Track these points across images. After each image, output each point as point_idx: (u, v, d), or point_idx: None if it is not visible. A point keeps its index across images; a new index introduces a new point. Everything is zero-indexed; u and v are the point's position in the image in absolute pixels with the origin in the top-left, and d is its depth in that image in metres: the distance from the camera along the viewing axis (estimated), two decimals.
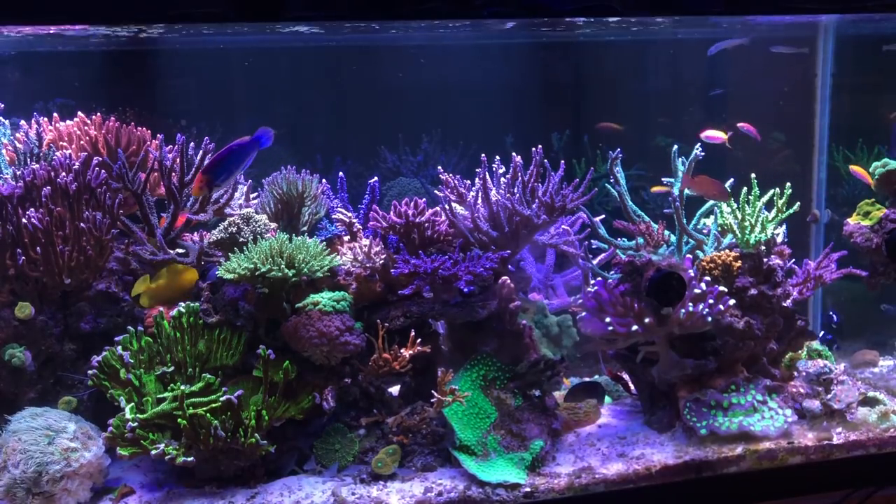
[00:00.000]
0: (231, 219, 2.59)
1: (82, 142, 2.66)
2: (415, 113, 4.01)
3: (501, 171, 2.75)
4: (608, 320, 2.45)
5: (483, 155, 2.65)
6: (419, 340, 2.38)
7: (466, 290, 2.49)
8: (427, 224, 2.63)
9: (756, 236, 2.63)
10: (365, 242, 2.58)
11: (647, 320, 2.44)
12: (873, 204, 2.95)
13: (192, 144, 2.60)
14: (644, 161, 3.82)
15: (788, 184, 2.68)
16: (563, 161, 2.69)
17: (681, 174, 2.75)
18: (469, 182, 2.72)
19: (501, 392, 2.50)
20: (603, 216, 2.91)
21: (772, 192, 2.69)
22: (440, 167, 2.88)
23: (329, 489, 2.24)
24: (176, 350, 2.35)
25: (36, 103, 3.43)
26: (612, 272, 2.73)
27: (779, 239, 2.73)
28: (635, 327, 2.41)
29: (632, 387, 2.78)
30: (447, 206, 2.62)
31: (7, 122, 2.79)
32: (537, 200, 2.59)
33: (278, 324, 2.39)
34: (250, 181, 2.81)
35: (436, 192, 2.85)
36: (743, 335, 2.54)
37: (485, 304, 2.53)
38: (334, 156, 3.97)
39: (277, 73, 3.94)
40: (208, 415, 2.16)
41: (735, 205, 2.67)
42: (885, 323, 3.41)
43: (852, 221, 2.94)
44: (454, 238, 2.65)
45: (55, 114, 2.77)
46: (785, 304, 2.64)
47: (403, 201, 2.63)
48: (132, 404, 2.21)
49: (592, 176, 2.64)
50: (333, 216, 2.77)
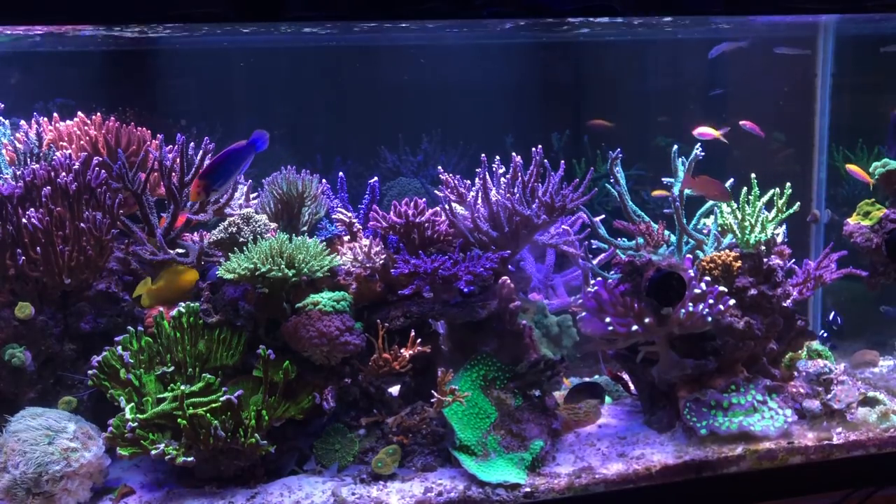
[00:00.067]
0: (231, 219, 2.59)
1: (82, 142, 2.66)
2: (415, 113, 4.01)
3: (501, 171, 2.75)
4: (608, 320, 2.44)
5: (483, 155, 2.65)
6: (419, 340, 2.38)
7: (466, 290, 2.48)
8: (427, 224, 2.63)
9: (756, 236, 2.63)
10: (365, 242, 2.58)
11: (647, 320, 2.44)
12: (873, 204, 2.95)
13: (192, 144, 2.60)
14: (644, 161, 3.82)
15: (788, 184, 2.68)
16: (563, 161, 2.69)
17: (681, 174, 2.75)
18: (469, 182, 2.72)
19: (501, 392, 2.50)
20: (603, 216, 2.91)
21: (772, 192, 2.69)
22: (440, 167, 2.88)
23: (329, 489, 2.23)
24: (176, 350, 2.35)
25: (36, 103, 3.43)
26: (612, 272, 2.72)
27: (779, 239, 2.73)
28: (635, 327, 2.41)
29: (632, 387, 2.78)
30: (447, 206, 2.62)
31: (7, 122, 2.79)
32: (537, 200, 2.59)
33: (278, 324, 2.39)
34: (250, 181, 2.81)
35: (436, 192, 2.85)
36: (743, 335, 2.53)
37: (485, 304, 2.53)
38: (334, 156, 3.96)
39: (277, 73, 3.94)
40: (208, 415, 2.16)
41: (735, 205, 2.67)
42: (885, 323, 3.40)
43: (852, 221, 2.94)
44: (454, 238, 2.65)
45: (55, 114, 2.77)
46: (785, 304, 2.64)
47: (403, 201, 2.63)
48: (132, 404, 2.21)
49: (592, 176, 2.64)
50: (333, 216, 2.77)
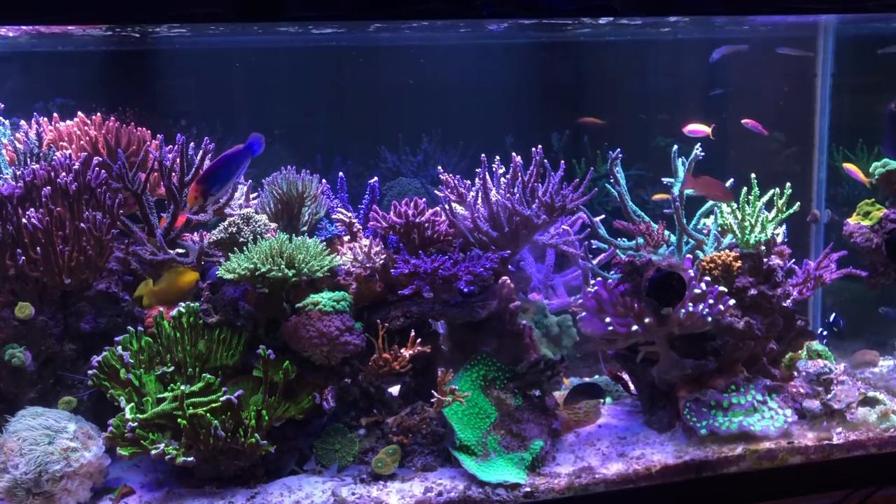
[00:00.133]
0: (231, 219, 2.59)
1: (82, 142, 2.66)
2: (415, 113, 4.01)
3: (501, 171, 2.75)
4: (608, 320, 2.44)
5: (483, 155, 2.65)
6: (419, 340, 2.38)
7: (466, 290, 2.48)
8: (427, 224, 2.63)
9: (756, 236, 2.63)
10: (365, 242, 2.58)
11: (647, 320, 2.44)
12: (873, 204, 2.95)
13: (192, 144, 2.60)
14: (644, 161, 3.82)
15: (788, 184, 2.68)
16: (563, 161, 2.69)
17: (681, 174, 2.75)
18: (469, 182, 2.72)
19: (501, 392, 2.50)
20: (603, 216, 2.91)
21: (772, 192, 2.69)
22: (440, 167, 2.88)
23: (329, 489, 2.23)
24: (176, 350, 2.35)
25: (36, 103, 3.43)
26: (612, 272, 2.72)
27: (779, 239, 2.73)
28: (635, 327, 2.41)
29: (632, 387, 2.78)
30: (447, 206, 2.62)
31: (7, 122, 2.79)
32: (537, 200, 2.59)
33: (278, 324, 2.39)
34: (250, 181, 2.81)
35: (436, 192, 2.85)
36: (743, 335, 2.53)
37: (485, 304, 2.53)
38: (334, 156, 3.96)
39: (277, 73, 3.93)
40: (208, 415, 2.16)
41: (735, 205, 2.67)
42: (885, 323, 3.40)
43: (852, 221, 2.94)
44: (454, 238, 2.65)
45: (55, 114, 2.77)
46: (785, 304, 2.64)
47: (403, 201, 2.63)
48: (132, 404, 2.21)
49: (592, 176, 2.64)
50: (333, 216, 2.77)
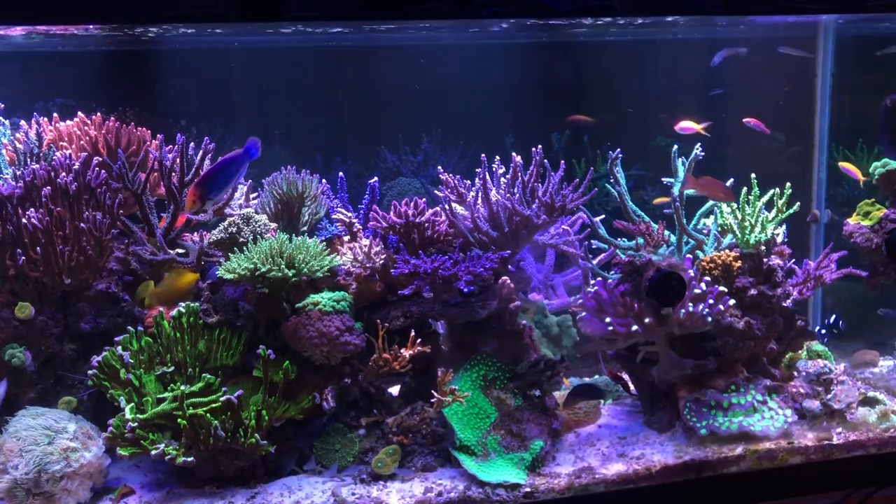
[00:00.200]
0: (231, 219, 2.59)
1: (82, 142, 2.66)
2: (415, 113, 4.01)
3: (501, 172, 2.75)
4: (608, 320, 2.44)
5: (483, 155, 2.65)
6: (419, 340, 2.38)
7: (466, 290, 2.48)
8: (427, 224, 2.63)
9: (756, 236, 2.63)
10: (365, 242, 2.58)
11: (647, 320, 2.44)
12: (873, 204, 2.95)
13: (192, 144, 2.60)
14: (644, 161, 3.82)
15: (788, 184, 2.68)
16: (563, 161, 2.69)
17: (681, 174, 2.75)
18: (469, 182, 2.72)
19: (501, 392, 2.50)
20: (603, 216, 2.91)
21: (772, 192, 2.69)
22: (440, 167, 2.88)
23: (329, 489, 2.23)
24: (176, 350, 2.35)
25: (36, 103, 3.43)
26: (612, 272, 2.72)
27: (779, 239, 2.73)
28: (635, 327, 2.41)
29: (632, 387, 2.78)
30: (447, 206, 2.62)
31: (7, 122, 2.79)
32: (537, 200, 2.59)
33: (278, 324, 2.39)
34: (250, 181, 2.80)
35: (436, 192, 2.85)
36: (743, 335, 2.53)
37: (485, 304, 2.53)
38: (334, 156, 3.96)
39: (277, 73, 3.93)
40: (208, 415, 2.16)
41: (735, 205, 2.67)
42: (885, 323, 3.40)
43: (852, 221, 2.94)
44: (454, 238, 2.65)
45: (55, 114, 2.77)
46: (785, 304, 2.64)
47: (403, 201, 2.63)
48: (132, 404, 2.21)
49: (592, 176, 2.64)
50: (333, 216, 2.77)
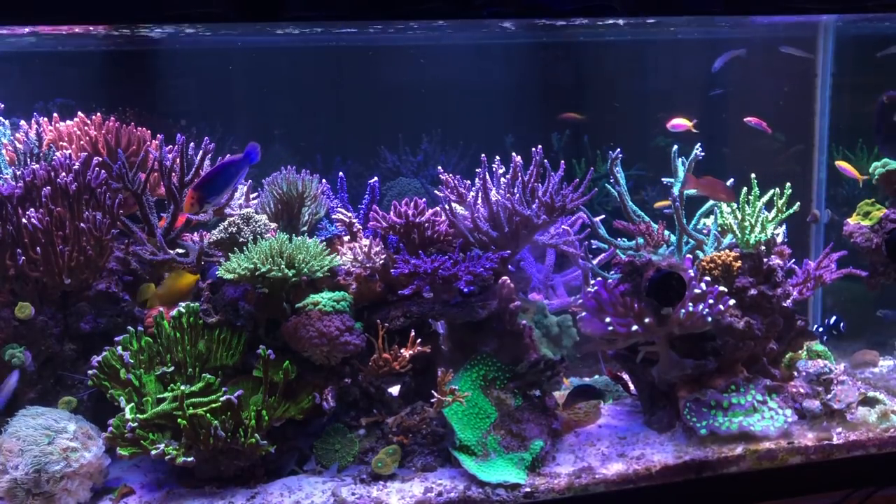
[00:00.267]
0: (231, 219, 2.59)
1: (82, 142, 2.66)
2: (415, 113, 4.01)
3: (501, 172, 2.75)
4: (608, 320, 2.44)
5: (483, 155, 2.65)
6: (419, 340, 2.38)
7: (466, 290, 2.48)
8: (427, 224, 2.63)
9: (756, 236, 2.63)
10: (365, 242, 2.58)
11: (647, 320, 2.44)
12: (873, 204, 2.95)
13: (192, 144, 2.60)
14: (644, 161, 3.82)
15: (788, 184, 2.68)
16: (563, 161, 2.69)
17: (681, 174, 2.75)
18: (469, 182, 2.72)
19: (501, 392, 2.50)
20: (603, 216, 2.91)
21: (772, 192, 2.69)
22: (440, 167, 2.88)
23: (329, 489, 2.23)
24: (176, 350, 2.35)
25: (36, 103, 3.43)
26: (612, 272, 2.72)
27: (779, 239, 2.73)
28: (635, 327, 2.41)
29: (632, 387, 2.78)
30: (447, 206, 2.62)
31: (7, 122, 2.79)
32: (537, 200, 2.59)
33: (278, 324, 2.39)
34: (250, 181, 2.80)
35: (436, 192, 2.85)
36: (743, 335, 2.53)
37: (485, 304, 2.53)
38: (334, 156, 3.96)
39: (277, 73, 3.93)
40: (208, 415, 2.16)
41: (735, 205, 2.67)
42: (885, 323, 3.40)
43: (852, 221, 2.94)
44: (454, 238, 2.65)
45: (55, 114, 2.77)
46: (785, 304, 2.64)
47: (403, 201, 2.63)
48: (132, 404, 2.21)
49: (592, 176, 2.64)
50: (333, 216, 2.77)
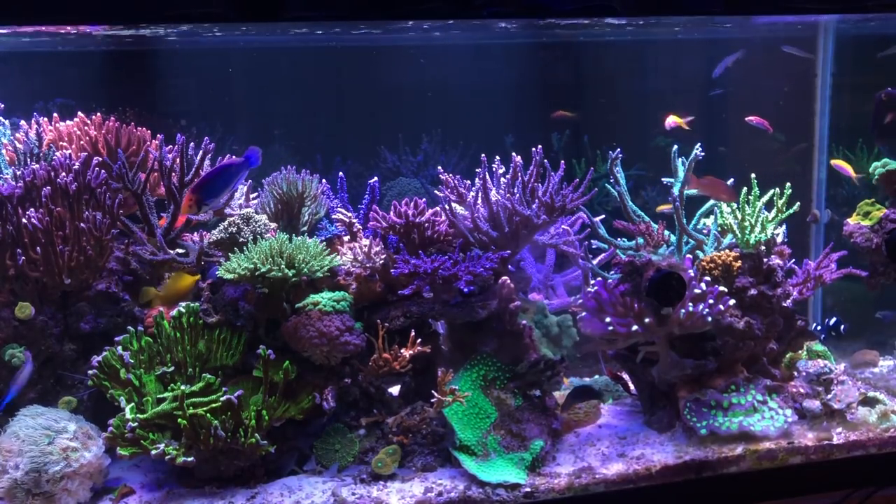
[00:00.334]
0: (231, 219, 2.59)
1: (82, 142, 2.66)
2: (415, 113, 4.01)
3: (501, 172, 2.75)
4: (608, 320, 2.44)
5: (483, 155, 2.65)
6: (419, 340, 2.38)
7: (466, 290, 2.48)
8: (427, 224, 2.63)
9: (756, 236, 2.63)
10: (365, 242, 2.58)
11: (647, 320, 2.44)
12: (873, 204, 2.95)
13: (192, 144, 2.60)
14: (644, 161, 3.82)
15: (788, 184, 2.68)
16: (563, 161, 2.69)
17: (681, 174, 2.75)
18: (469, 182, 2.72)
19: (501, 392, 2.50)
20: (603, 216, 2.91)
21: (772, 192, 2.69)
22: (440, 167, 2.88)
23: (329, 489, 2.23)
24: (176, 350, 2.35)
25: (36, 103, 3.43)
26: (612, 272, 2.72)
27: (779, 239, 2.73)
28: (635, 327, 2.41)
29: (632, 387, 2.78)
30: (447, 206, 2.62)
31: (7, 122, 2.79)
32: (537, 200, 2.59)
33: (278, 324, 2.39)
34: (250, 181, 2.80)
35: (436, 192, 2.85)
36: (743, 335, 2.53)
37: (485, 304, 2.53)
38: (334, 156, 3.96)
39: (277, 73, 3.93)
40: (208, 415, 2.16)
41: (735, 205, 2.67)
42: (885, 324, 3.40)
43: (852, 221, 2.94)
44: (454, 238, 2.65)
45: (55, 114, 2.77)
46: (785, 304, 2.64)
47: (403, 201, 2.63)
48: (132, 404, 2.21)
49: (592, 176, 2.64)
50: (333, 216, 2.77)
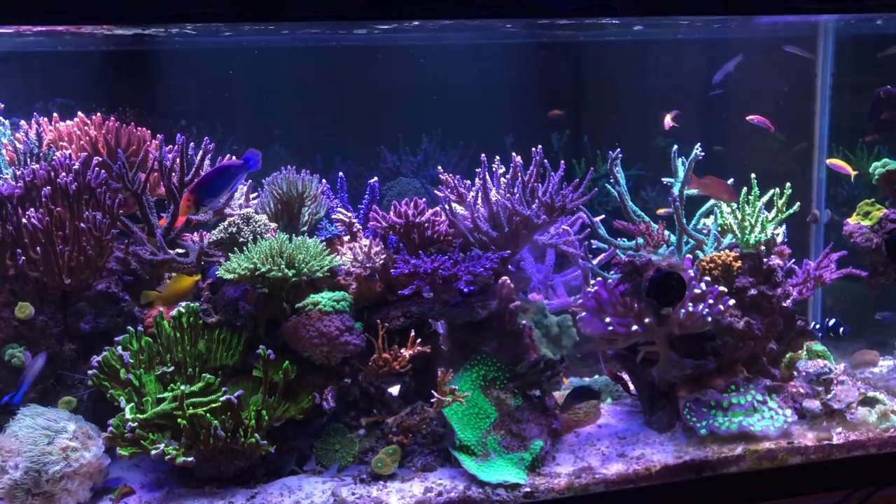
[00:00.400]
0: (231, 219, 2.59)
1: (82, 142, 2.66)
2: (415, 113, 4.01)
3: (501, 171, 2.75)
4: (608, 320, 2.44)
5: (483, 155, 2.65)
6: (419, 340, 2.38)
7: (466, 290, 2.48)
8: (427, 224, 2.63)
9: (756, 236, 2.63)
10: (365, 242, 2.58)
11: (647, 320, 2.44)
12: (873, 204, 2.95)
13: (192, 144, 2.60)
14: (644, 161, 3.82)
15: (788, 184, 2.68)
16: (563, 161, 2.69)
17: (681, 174, 2.75)
18: (469, 182, 2.72)
19: (501, 392, 2.50)
20: (603, 216, 2.91)
21: (771, 192, 2.69)
22: (440, 167, 2.88)
23: (329, 489, 2.23)
24: (176, 350, 2.35)
25: (36, 103, 3.43)
26: (612, 272, 2.72)
27: (779, 239, 2.73)
28: (635, 327, 2.41)
29: (632, 387, 2.78)
30: (447, 206, 2.62)
31: (7, 122, 2.79)
32: (537, 200, 2.59)
33: (278, 324, 2.39)
34: (250, 181, 2.80)
35: (436, 192, 2.85)
36: (743, 335, 2.53)
37: (485, 304, 2.53)
38: (334, 156, 3.97)
39: (277, 73, 3.94)
40: (208, 415, 2.16)
41: (735, 205, 2.67)
42: (884, 324, 3.40)
43: (852, 221, 2.94)
44: (454, 238, 2.65)
45: (55, 114, 2.77)
46: (785, 305, 2.64)
47: (403, 201, 2.63)
48: (132, 404, 2.21)
49: (592, 176, 2.64)
50: (333, 216, 2.77)
